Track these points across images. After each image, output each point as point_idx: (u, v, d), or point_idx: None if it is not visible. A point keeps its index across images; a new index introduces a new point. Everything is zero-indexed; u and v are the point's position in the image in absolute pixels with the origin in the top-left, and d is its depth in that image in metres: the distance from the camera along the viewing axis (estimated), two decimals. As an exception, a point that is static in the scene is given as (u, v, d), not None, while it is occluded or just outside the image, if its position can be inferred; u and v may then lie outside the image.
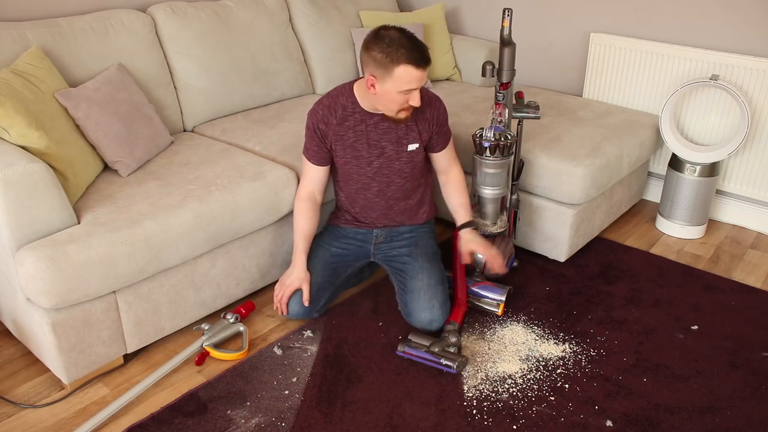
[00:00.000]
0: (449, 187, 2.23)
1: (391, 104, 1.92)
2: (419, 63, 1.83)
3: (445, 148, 2.18)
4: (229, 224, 2.02)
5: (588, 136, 2.52)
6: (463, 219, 2.20)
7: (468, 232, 2.16)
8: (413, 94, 1.90)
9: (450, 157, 2.21)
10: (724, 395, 1.85)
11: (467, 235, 2.16)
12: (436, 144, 2.15)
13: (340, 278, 2.19)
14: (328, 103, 2.06)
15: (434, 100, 2.10)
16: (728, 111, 2.73)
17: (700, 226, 2.74)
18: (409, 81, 1.85)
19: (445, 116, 2.13)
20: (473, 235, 2.16)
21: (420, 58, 1.84)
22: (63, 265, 1.66)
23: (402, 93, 1.88)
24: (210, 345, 1.99)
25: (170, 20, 2.55)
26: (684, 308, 2.25)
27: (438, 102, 2.11)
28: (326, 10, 3.06)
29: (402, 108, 1.93)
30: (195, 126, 2.64)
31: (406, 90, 1.87)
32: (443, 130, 2.14)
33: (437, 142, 2.15)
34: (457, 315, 2.08)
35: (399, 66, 1.83)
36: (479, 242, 2.14)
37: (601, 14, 3.00)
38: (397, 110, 1.94)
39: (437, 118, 2.10)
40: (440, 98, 2.13)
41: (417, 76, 1.85)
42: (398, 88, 1.87)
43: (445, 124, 2.15)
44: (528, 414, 1.77)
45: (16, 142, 1.78)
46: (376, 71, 1.87)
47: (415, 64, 1.83)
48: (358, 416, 1.76)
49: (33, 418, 1.77)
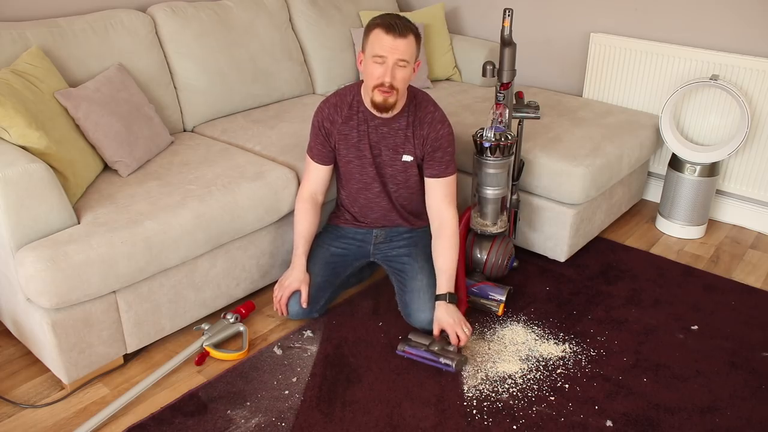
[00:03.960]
0: (438, 243, 2.04)
1: (369, 79, 1.93)
2: (390, 28, 1.85)
3: (437, 176, 2.05)
4: (229, 224, 2.02)
5: (588, 136, 2.52)
6: (441, 288, 2.00)
7: (442, 305, 1.97)
8: (384, 67, 1.88)
9: (443, 195, 2.07)
10: (724, 395, 1.85)
11: (440, 311, 1.96)
12: (428, 167, 2.06)
13: (340, 278, 2.19)
14: (335, 101, 2.06)
15: (438, 122, 2.03)
16: (728, 111, 2.73)
17: (700, 226, 2.74)
18: (379, 46, 1.86)
19: (443, 143, 2.03)
20: (446, 311, 1.95)
21: (391, 24, 1.86)
22: (63, 265, 1.66)
23: (374, 62, 1.89)
24: (210, 345, 1.99)
25: (170, 20, 2.55)
26: (684, 308, 2.25)
27: (440, 125, 2.03)
28: (326, 10, 3.06)
29: (376, 85, 1.91)
30: (195, 126, 2.64)
31: (376, 55, 1.87)
32: (436, 156, 2.03)
33: (429, 165, 2.06)
34: None
35: (372, 30, 1.89)
36: (449, 322, 1.93)
37: (601, 14, 3.00)
38: (373, 86, 1.92)
39: (433, 139, 2.03)
40: (448, 124, 2.05)
41: (387, 41, 1.86)
42: (370, 53, 1.89)
43: (441, 150, 2.03)
44: (528, 414, 1.77)
45: (16, 142, 1.78)
46: (363, 43, 1.94)
47: (385, 28, 1.86)
48: (358, 416, 1.76)
49: (33, 418, 1.77)
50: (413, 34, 1.90)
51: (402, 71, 1.90)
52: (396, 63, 1.88)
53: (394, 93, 1.92)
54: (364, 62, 1.95)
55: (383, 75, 1.88)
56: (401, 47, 1.87)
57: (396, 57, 1.87)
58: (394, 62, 1.88)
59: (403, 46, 1.87)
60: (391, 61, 1.87)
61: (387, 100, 1.93)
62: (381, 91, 1.91)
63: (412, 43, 1.89)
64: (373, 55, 1.89)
